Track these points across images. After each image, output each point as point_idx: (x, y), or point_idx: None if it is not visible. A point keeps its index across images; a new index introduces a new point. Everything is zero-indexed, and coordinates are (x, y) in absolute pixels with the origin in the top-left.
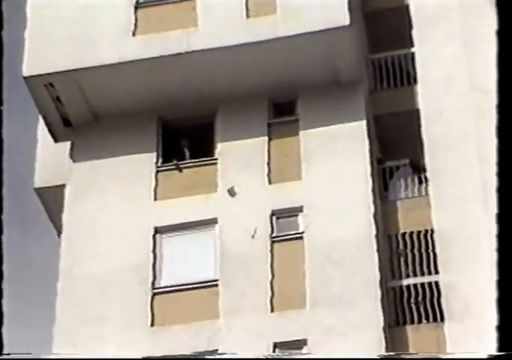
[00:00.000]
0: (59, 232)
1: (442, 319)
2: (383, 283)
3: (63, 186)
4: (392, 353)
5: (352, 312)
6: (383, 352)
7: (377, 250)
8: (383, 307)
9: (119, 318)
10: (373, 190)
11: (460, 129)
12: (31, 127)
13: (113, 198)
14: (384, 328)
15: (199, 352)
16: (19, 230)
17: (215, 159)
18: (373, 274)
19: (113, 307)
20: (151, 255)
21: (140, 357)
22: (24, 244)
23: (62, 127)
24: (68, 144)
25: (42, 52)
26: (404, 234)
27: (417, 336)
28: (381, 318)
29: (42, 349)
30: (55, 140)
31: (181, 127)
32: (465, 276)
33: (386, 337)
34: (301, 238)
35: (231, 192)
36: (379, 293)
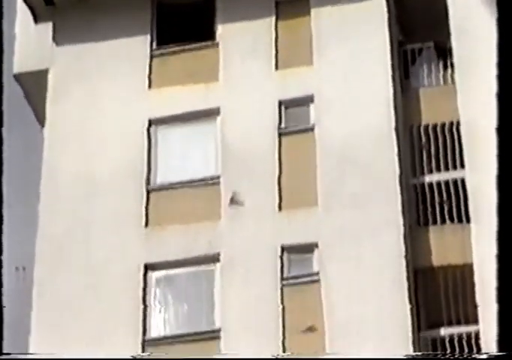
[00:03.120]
0: (42, 125)
1: (468, 220)
2: (403, 180)
3: (46, 71)
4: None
5: (368, 212)
6: (402, 257)
7: (397, 145)
8: (403, 206)
9: (110, 219)
10: (393, 76)
11: None
12: (9, 6)
13: (102, 86)
14: (404, 230)
15: (197, 256)
16: None
17: (216, 43)
18: (392, 171)
19: (103, 207)
20: (145, 149)
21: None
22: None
23: (43, 5)
24: (50, 25)
25: None
26: (427, 126)
27: (439, 238)
28: (401, 219)
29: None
30: (36, 20)
31: (178, 6)
32: (493, 174)
33: (405, 241)
34: (312, 131)
35: (235, 200)
36: (399, 191)
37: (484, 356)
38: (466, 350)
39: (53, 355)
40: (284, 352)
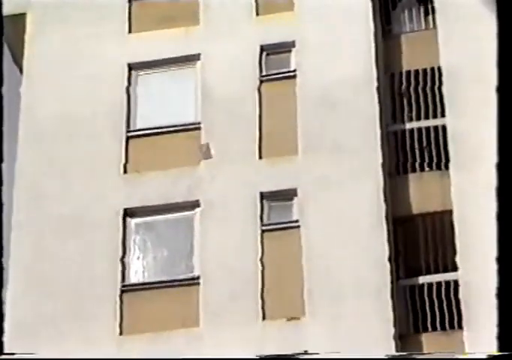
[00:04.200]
0: (21, 70)
1: (447, 166)
2: (383, 126)
3: (23, 15)
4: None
5: (348, 159)
6: (381, 202)
7: (378, 91)
8: (383, 154)
9: (88, 164)
10: (374, 23)
11: None
12: None
13: (81, 31)
14: (383, 178)
15: (177, 202)
16: None
17: None
18: (372, 117)
19: (81, 153)
20: (124, 95)
21: None
22: None
23: None
24: None
25: None
26: (408, 72)
27: (419, 185)
28: (380, 167)
29: None
30: None
31: None
32: (475, 121)
33: (385, 189)
34: (293, 77)
35: (206, 152)
36: (379, 139)
37: (484, 356)
38: (444, 298)
39: (53, 355)
40: (262, 299)
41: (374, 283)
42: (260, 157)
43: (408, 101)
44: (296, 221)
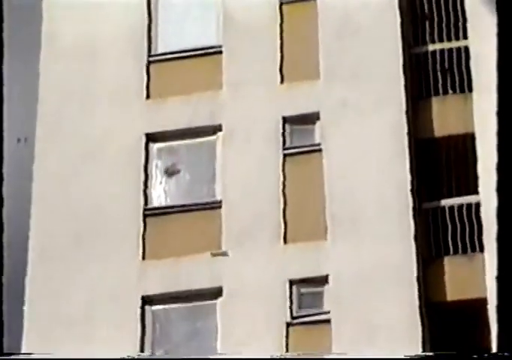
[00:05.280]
0: None
1: (470, 89)
2: (406, 49)
3: None
4: None
5: (371, 83)
6: (404, 125)
7: (400, 14)
8: (405, 76)
9: (110, 88)
10: None
11: None
12: None
13: None
14: (406, 102)
15: (199, 127)
16: None
17: None
18: (395, 41)
19: (104, 75)
20: (146, 18)
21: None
22: None
23: None
24: None
25: None
26: None
27: (442, 108)
28: (403, 89)
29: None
30: None
31: None
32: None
33: (407, 110)
34: (314, 0)
35: (171, 171)
36: (401, 61)
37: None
38: (466, 221)
39: (54, 355)
40: (284, 222)
41: (397, 206)
42: (282, 82)
43: (430, 24)
44: (318, 145)
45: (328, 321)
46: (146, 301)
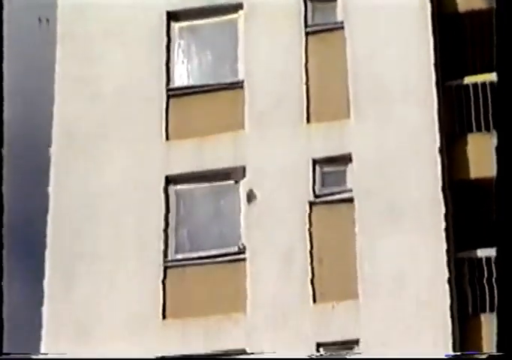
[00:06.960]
0: None
1: None
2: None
3: None
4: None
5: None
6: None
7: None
8: None
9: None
10: None
11: None
12: None
13: None
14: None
15: (221, 4)
16: None
17: None
18: None
19: None
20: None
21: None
22: None
23: None
24: None
25: None
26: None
27: None
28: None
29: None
30: None
31: None
32: None
33: None
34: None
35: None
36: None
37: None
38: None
39: (53, 355)
40: (307, 102)
41: (421, 85)
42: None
43: None
44: (341, 23)
45: (351, 200)
46: (170, 180)
